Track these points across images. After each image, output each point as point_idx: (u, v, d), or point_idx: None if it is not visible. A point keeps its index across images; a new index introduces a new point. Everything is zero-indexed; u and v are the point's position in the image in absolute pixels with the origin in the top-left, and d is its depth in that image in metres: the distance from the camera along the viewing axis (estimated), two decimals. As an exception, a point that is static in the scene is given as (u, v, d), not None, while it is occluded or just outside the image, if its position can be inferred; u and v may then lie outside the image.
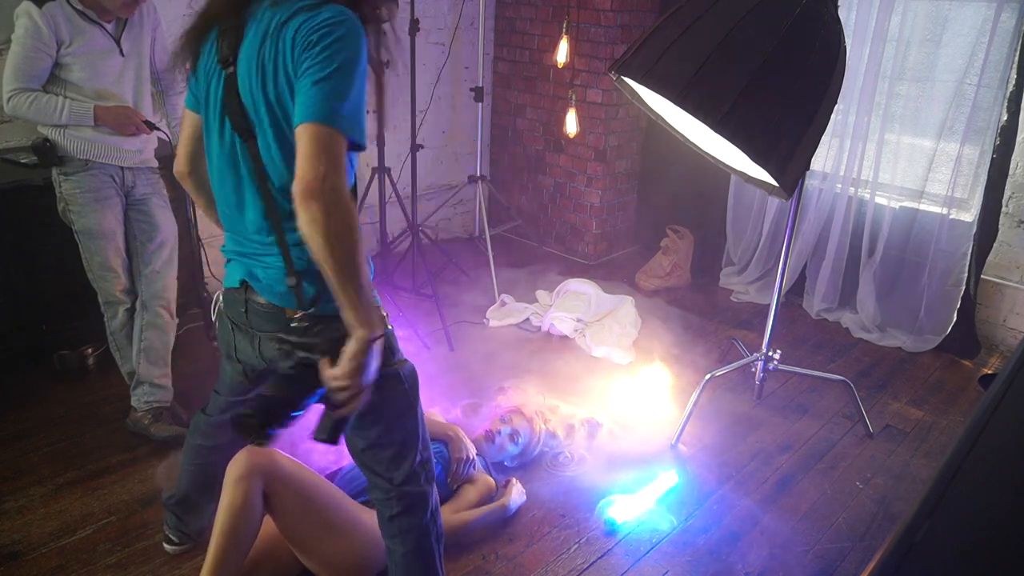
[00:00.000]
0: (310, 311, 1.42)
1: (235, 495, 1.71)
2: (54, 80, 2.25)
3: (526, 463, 2.50)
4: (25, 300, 2.77)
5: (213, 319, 1.38)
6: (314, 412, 1.39)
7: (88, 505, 2.24)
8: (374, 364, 1.31)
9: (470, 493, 2.22)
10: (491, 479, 2.32)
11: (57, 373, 2.88)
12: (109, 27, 2.28)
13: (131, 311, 2.53)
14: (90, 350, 2.93)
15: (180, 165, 1.61)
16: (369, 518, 1.88)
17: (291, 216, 1.27)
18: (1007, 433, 0.92)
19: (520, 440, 2.46)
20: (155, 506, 2.21)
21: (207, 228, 3.35)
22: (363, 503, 1.97)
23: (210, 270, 3.27)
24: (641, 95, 2.36)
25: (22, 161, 2.71)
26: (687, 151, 2.55)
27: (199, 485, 1.96)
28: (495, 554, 2.13)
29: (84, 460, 2.43)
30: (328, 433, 1.36)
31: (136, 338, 2.51)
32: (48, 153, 2.30)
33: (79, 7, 2.21)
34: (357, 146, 1.28)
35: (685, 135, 2.45)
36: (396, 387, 1.52)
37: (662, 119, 2.43)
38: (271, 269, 1.44)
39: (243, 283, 1.49)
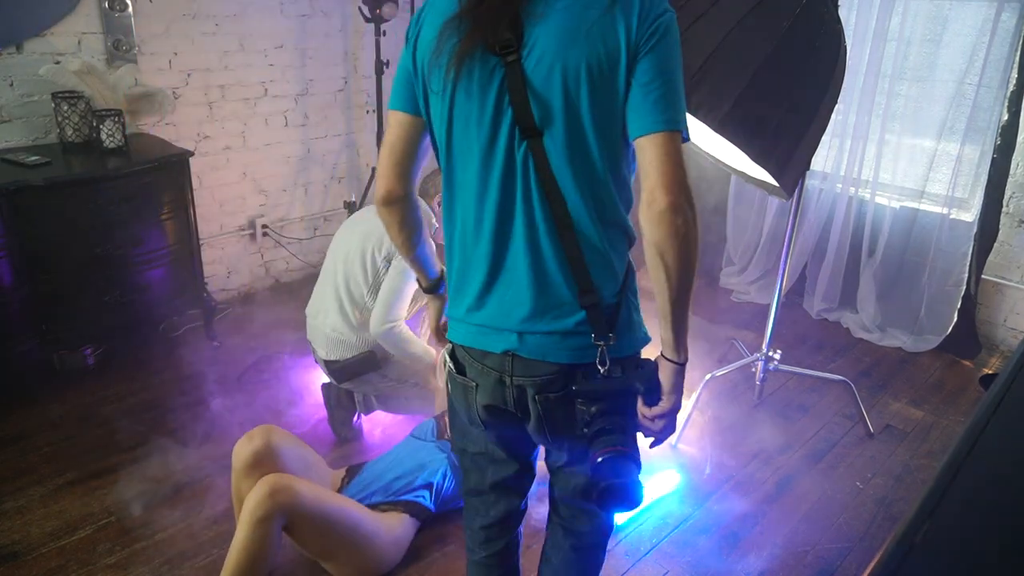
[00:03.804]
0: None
1: (253, 537, 1.69)
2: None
3: None
4: (25, 300, 2.77)
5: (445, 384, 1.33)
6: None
7: (88, 505, 2.23)
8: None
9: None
10: None
11: (57, 373, 2.87)
12: None
13: None
14: (90, 350, 2.93)
15: (393, 185, 1.26)
16: (383, 523, 1.93)
17: (595, 247, 1.23)
18: (1007, 433, 0.92)
19: None
20: (155, 506, 2.21)
21: (207, 228, 3.35)
22: (371, 506, 2.02)
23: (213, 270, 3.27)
24: (641, 95, 2.35)
25: (22, 161, 2.71)
26: (687, 151, 2.54)
27: None
28: (495, 554, 2.12)
29: (84, 460, 2.43)
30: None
31: None
32: (372, 362, 2.43)
33: None
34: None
35: (685, 135, 2.45)
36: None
37: (662, 119, 2.42)
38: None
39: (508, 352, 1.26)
